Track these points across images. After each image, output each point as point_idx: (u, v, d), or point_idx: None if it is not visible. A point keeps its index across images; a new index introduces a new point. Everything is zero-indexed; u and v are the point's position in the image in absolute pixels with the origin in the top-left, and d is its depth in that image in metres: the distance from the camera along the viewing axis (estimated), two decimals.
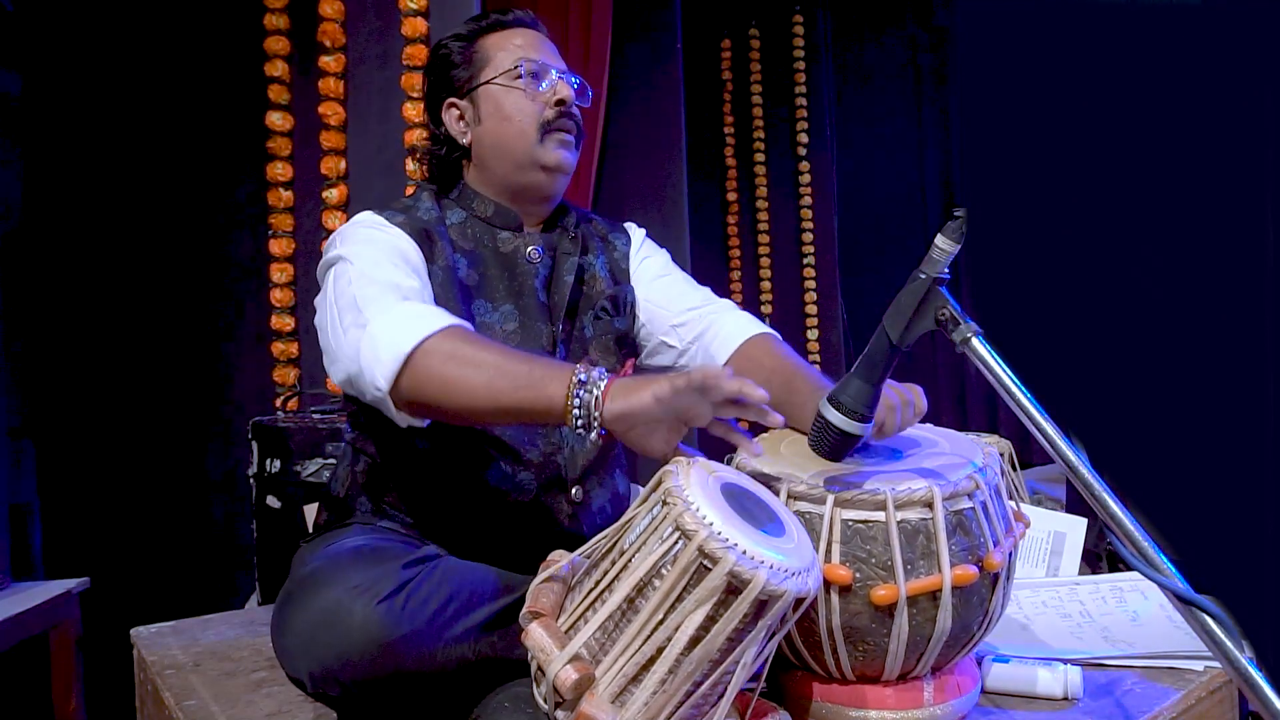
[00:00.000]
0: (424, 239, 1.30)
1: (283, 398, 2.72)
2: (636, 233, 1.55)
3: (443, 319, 1.13)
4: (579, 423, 1.01)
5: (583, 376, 1.02)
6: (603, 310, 1.42)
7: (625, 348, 1.45)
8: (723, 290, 4.53)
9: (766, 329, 1.44)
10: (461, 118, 1.39)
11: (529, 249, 1.38)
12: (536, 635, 0.91)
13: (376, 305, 1.15)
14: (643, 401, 0.98)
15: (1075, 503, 2.09)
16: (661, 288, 1.48)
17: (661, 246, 1.57)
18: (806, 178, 4.79)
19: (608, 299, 1.43)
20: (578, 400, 1.01)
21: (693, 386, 0.96)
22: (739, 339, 1.40)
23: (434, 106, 1.42)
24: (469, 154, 1.39)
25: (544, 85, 1.36)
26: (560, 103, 1.35)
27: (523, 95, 1.35)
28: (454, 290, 1.31)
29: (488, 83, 1.36)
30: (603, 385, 1.01)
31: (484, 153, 1.38)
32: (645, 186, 3.63)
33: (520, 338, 1.34)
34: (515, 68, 1.35)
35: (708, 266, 4.29)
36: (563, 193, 1.43)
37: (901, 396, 1.15)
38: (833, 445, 1.02)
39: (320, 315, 1.25)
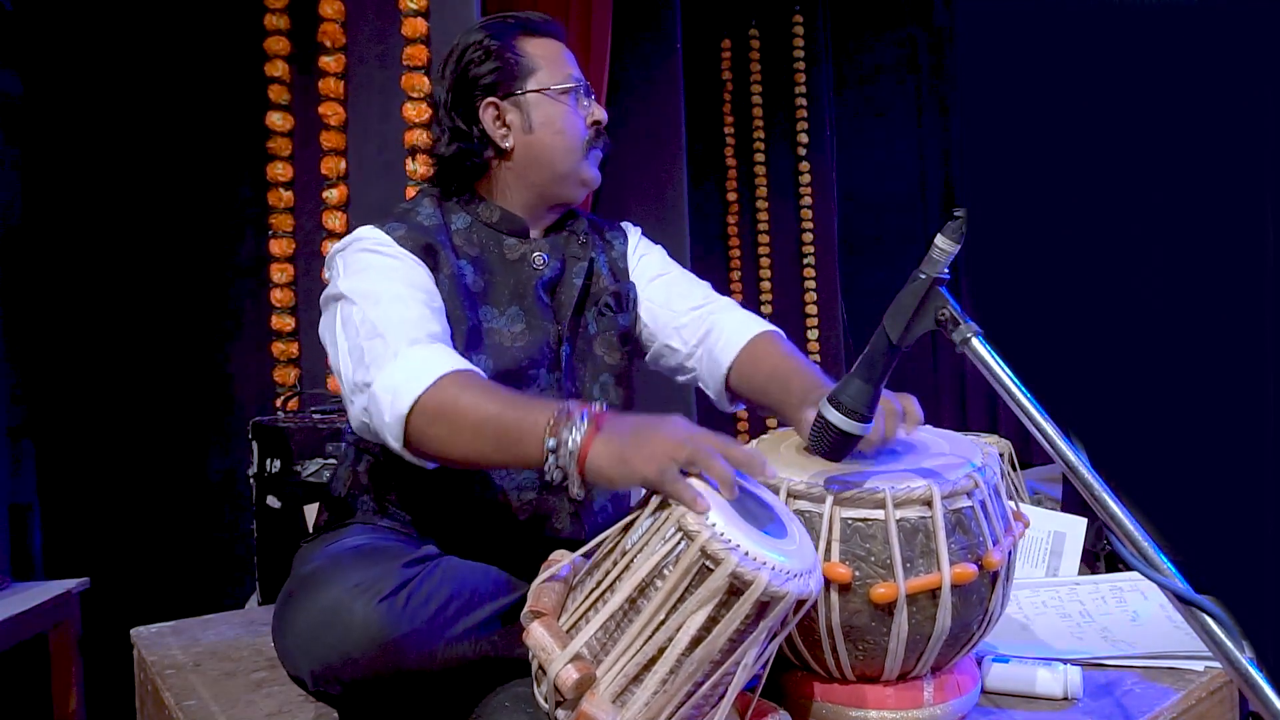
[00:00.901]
0: (427, 253, 1.29)
1: (283, 398, 2.72)
2: (633, 231, 1.56)
3: (438, 366, 1.11)
4: (559, 484, 1.00)
5: (551, 444, 0.98)
6: (606, 307, 1.43)
7: (629, 344, 1.46)
8: (723, 290, 4.54)
9: (769, 326, 1.44)
10: (499, 118, 1.36)
11: (534, 254, 1.38)
12: (538, 635, 0.91)
13: (376, 361, 1.14)
14: (622, 479, 0.95)
15: (1072, 501, 2.09)
16: (662, 286, 1.49)
17: (656, 244, 1.57)
18: (806, 178, 4.80)
19: (611, 295, 1.44)
20: (553, 461, 0.99)
21: (660, 477, 0.91)
22: (742, 340, 1.41)
23: (466, 103, 1.36)
24: (503, 155, 1.37)
25: (587, 103, 1.40)
26: (597, 123, 1.40)
27: (571, 111, 1.37)
28: (460, 297, 1.30)
29: (540, 91, 1.36)
30: (579, 445, 0.97)
31: (527, 158, 1.37)
32: (645, 186, 3.63)
33: (528, 338, 1.34)
34: (569, 84, 1.37)
35: (708, 266, 4.30)
36: (580, 201, 1.45)
37: (889, 406, 1.13)
38: (832, 445, 1.02)
39: (329, 351, 1.25)
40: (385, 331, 1.16)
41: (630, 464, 0.93)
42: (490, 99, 1.36)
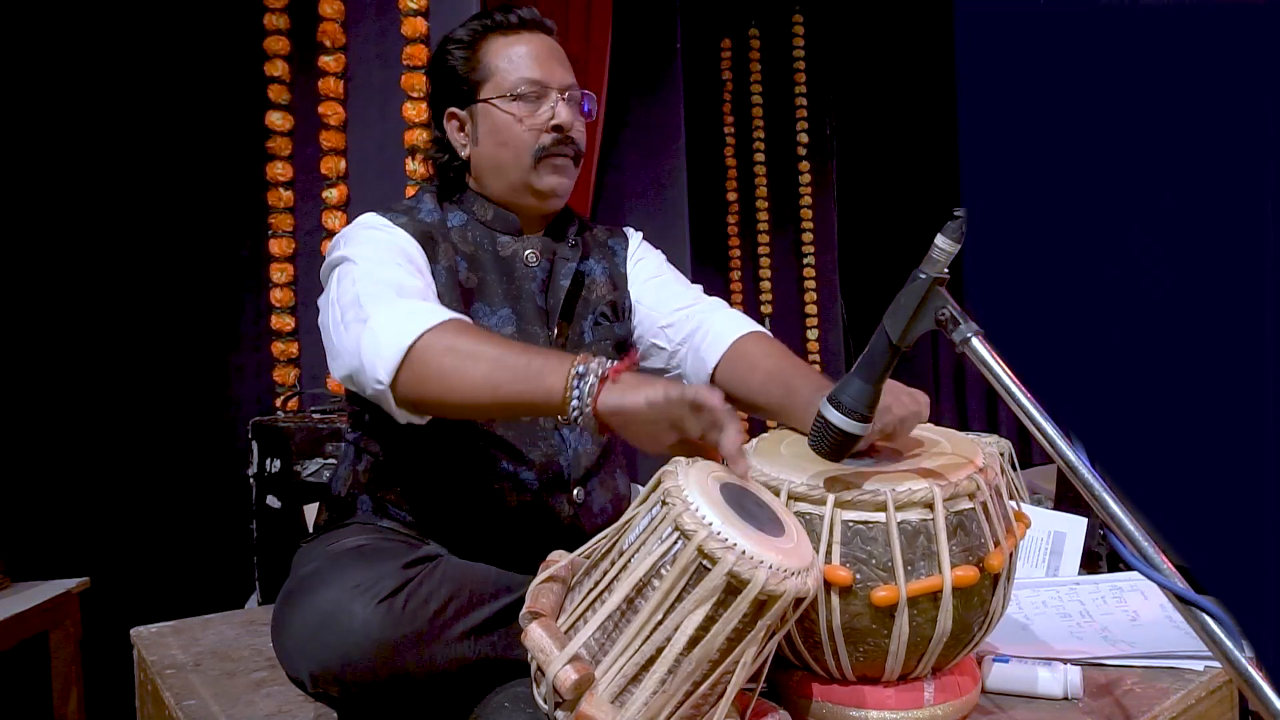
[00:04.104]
0: (426, 241, 1.30)
1: (283, 398, 2.72)
2: (634, 236, 1.55)
3: (443, 313, 1.13)
4: (575, 414, 1.01)
5: (580, 369, 1.01)
6: (603, 316, 1.42)
7: (624, 353, 1.45)
8: (723, 290, 4.56)
9: (756, 326, 1.42)
10: (461, 129, 1.37)
11: (527, 252, 1.38)
12: (536, 635, 0.91)
13: (378, 301, 1.14)
14: (635, 402, 0.98)
15: (1064, 498, 2.08)
16: (652, 289, 1.48)
17: (658, 248, 1.57)
18: (807, 178, 4.80)
19: (607, 304, 1.43)
20: (575, 392, 1.00)
21: (685, 400, 0.96)
22: (728, 339, 1.39)
23: (437, 111, 1.40)
24: (468, 166, 1.39)
25: (544, 108, 1.33)
26: (558, 129, 1.33)
27: (516, 121, 1.32)
28: (455, 292, 1.31)
29: (486, 101, 1.33)
30: (601, 376, 1.01)
31: (481, 169, 1.38)
32: (645, 186, 3.63)
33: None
34: (514, 90, 1.32)
35: (708, 266, 4.30)
36: (559, 209, 1.42)
37: (909, 408, 1.14)
38: (833, 445, 1.02)
39: (323, 314, 1.25)
40: (387, 282, 1.17)
41: (650, 382, 0.98)
42: (451, 108, 1.37)
